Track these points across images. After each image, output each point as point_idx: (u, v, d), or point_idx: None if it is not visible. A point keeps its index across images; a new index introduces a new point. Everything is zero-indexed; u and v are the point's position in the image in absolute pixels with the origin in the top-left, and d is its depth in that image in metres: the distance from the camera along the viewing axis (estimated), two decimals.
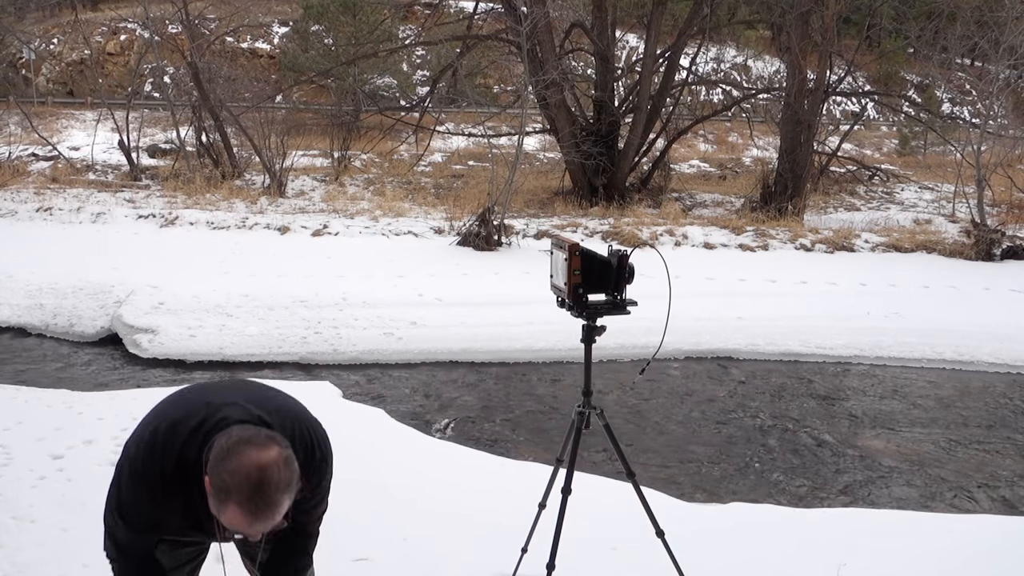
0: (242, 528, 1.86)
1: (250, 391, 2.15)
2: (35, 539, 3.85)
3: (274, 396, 2.17)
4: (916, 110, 23.22)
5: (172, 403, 2.10)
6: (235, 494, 1.81)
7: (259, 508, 1.82)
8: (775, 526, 4.33)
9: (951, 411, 6.83)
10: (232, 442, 1.86)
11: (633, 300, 3.03)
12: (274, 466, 1.84)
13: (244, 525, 1.85)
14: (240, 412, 1.97)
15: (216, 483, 1.84)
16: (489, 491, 4.62)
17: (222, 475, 1.83)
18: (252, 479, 1.81)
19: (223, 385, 2.22)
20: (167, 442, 1.97)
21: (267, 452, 1.85)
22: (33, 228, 13.36)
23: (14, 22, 24.50)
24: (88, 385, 6.88)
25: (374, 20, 23.65)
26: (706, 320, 8.68)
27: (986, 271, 11.75)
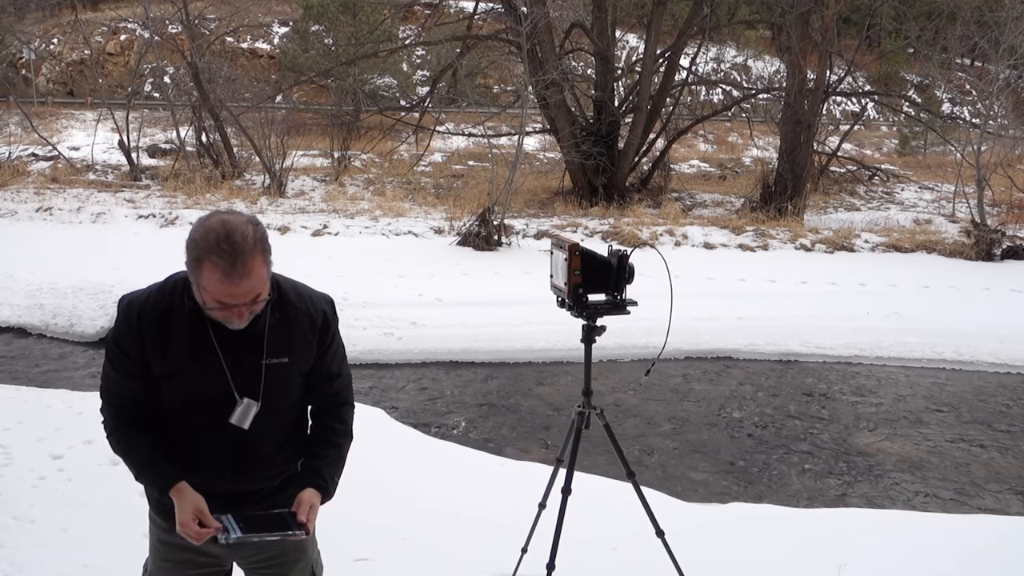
0: (223, 290, 1.88)
1: None
2: (35, 539, 3.85)
3: None
4: (916, 110, 23.23)
5: None
6: (205, 251, 1.87)
7: (229, 255, 1.86)
8: (775, 526, 4.33)
9: (951, 411, 6.83)
10: (197, 223, 1.96)
11: (633, 300, 3.03)
12: (238, 222, 1.92)
13: (223, 284, 1.87)
14: None
15: (190, 256, 1.92)
16: (489, 491, 4.62)
17: (194, 240, 1.91)
18: (217, 230, 1.89)
19: None
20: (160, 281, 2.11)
21: (230, 216, 1.95)
22: (33, 228, 13.35)
23: (14, 22, 24.50)
24: (88, 385, 6.88)
25: (374, 20, 23.67)
26: (706, 320, 8.68)
27: (986, 271, 11.74)
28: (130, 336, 2.02)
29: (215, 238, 1.88)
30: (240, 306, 1.94)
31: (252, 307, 1.97)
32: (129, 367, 2.04)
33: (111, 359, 2.07)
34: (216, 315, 1.98)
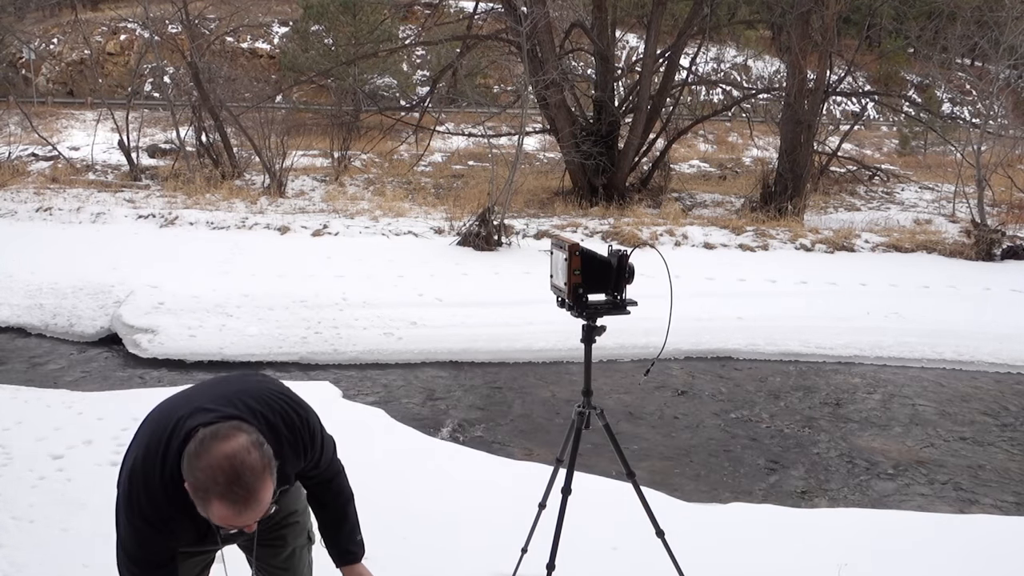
0: (232, 521, 1.86)
1: (217, 389, 2.13)
2: (35, 539, 3.85)
3: (241, 384, 2.16)
4: (916, 110, 23.24)
5: (149, 423, 2.10)
6: (213, 489, 1.82)
7: (240, 497, 1.83)
8: (775, 526, 4.33)
9: (951, 411, 6.83)
10: (198, 443, 1.87)
11: (633, 300, 3.03)
12: (243, 452, 1.84)
13: (232, 518, 1.85)
14: (204, 416, 1.97)
15: (194, 486, 1.85)
16: (489, 491, 4.62)
17: (197, 475, 1.84)
18: (225, 470, 1.81)
19: (197, 389, 2.19)
20: (148, 473, 1.98)
21: (234, 441, 1.85)
22: (33, 228, 13.35)
23: (14, 22, 24.49)
24: (88, 385, 6.88)
25: (374, 20, 23.67)
26: (706, 320, 8.68)
27: (986, 271, 11.74)
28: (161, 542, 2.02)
29: (224, 479, 1.83)
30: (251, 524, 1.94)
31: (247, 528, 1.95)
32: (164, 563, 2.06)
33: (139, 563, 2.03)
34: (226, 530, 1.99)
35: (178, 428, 1.98)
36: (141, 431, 2.09)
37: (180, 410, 2.03)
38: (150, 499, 1.96)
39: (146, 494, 1.97)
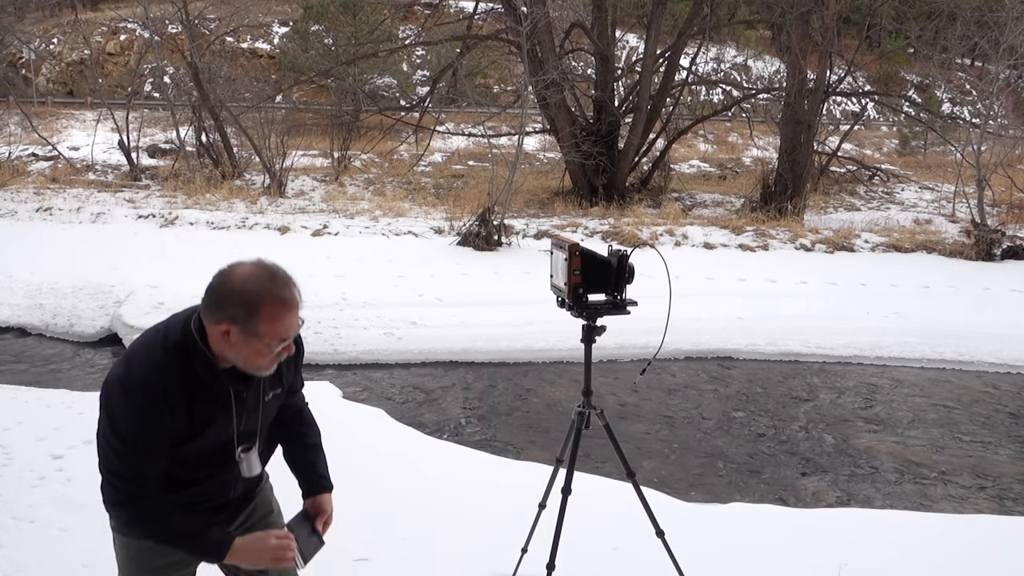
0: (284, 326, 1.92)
1: None
2: (35, 539, 3.85)
3: None
4: (916, 110, 23.24)
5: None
6: (260, 297, 1.89)
7: (285, 291, 1.92)
8: (775, 526, 4.33)
9: (951, 411, 6.83)
10: (219, 275, 1.93)
11: (633, 300, 3.03)
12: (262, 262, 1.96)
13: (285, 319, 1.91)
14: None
15: (239, 311, 1.88)
16: (489, 491, 4.62)
17: (236, 297, 1.89)
18: (263, 275, 1.92)
19: None
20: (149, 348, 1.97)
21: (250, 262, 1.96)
22: (33, 228, 13.35)
23: (14, 22, 24.50)
24: (88, 385, 6.88)
25: (374, 20, 23.68)
26: (706, 320, 8.68)
27: (986, 271, 11.74)
28: (155, 417, 1.92)
29: (268, 279, 1.92)
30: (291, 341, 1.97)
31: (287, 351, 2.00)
32: (155, 448, 1.96)
33: (131, 445, 1.93)
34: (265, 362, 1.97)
35: (172, 319, 2.04)
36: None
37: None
38: (155, 368, 1.93)
39: (150, 364, 1.93)
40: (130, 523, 2.01)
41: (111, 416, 1.93)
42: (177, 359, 1.94)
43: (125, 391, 1.92)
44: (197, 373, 1.96)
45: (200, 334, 1.96)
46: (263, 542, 2.07)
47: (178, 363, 1.94)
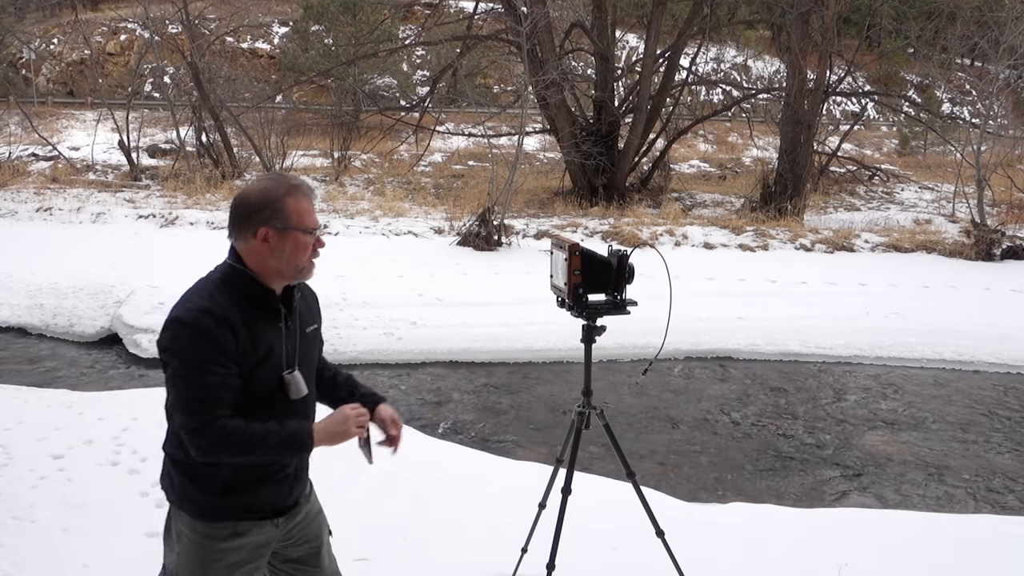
0: (309, 211, 2.15)
1: None
2: (35, 539, 3.85)
3: None
4: (916, 110, 23.24)
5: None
6: (281, 191, 2.10)
7: (295, 181, 2.16)
8: (775, 526, 4.33)
9: (951, 411, 6.83)
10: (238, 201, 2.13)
11: (633, 300, 3.03)
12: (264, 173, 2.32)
13: (308, 204, 2.15)
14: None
15: (269, 208, 2.08)
16: (489, 491, 4.62)
17: (265, 192, 2.10)
18: (275, 177, 2.18)
19: None
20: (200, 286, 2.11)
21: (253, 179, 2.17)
22: (33, 228, 13.36)
23: (14, 22, 24.51)
24: (88, 385, 6.88)
25: (374, 20, 23.67)
26: (706, 320, 8.68)
27: (986, 271, 11.74)
28: (219, 337, 2.01)
29: (278, 179, 2.16)
30: (319, 236, 2.18)
31: (320, 244, 2.19)
32: (225, 368, 2.02)
33: (202, 369, 2.00)
34: (305, 259, 2.15)
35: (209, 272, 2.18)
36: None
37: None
38: (209, 298, 2.05)
39: (204, 298, 2.05)
40: (216, 446, 2.02)
41: (177, 351, 2.02)
42: (226, 287, 2.09)
43: (187, 324, 2.02)
44: (246, 295, 2.09)
45: (238, 263, 2.12)
46: (340, 415, 2.15)
47: (227, 291, 2.08)
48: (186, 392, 2.01)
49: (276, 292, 2.15)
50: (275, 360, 2.12)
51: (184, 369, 2.01)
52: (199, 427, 2.00)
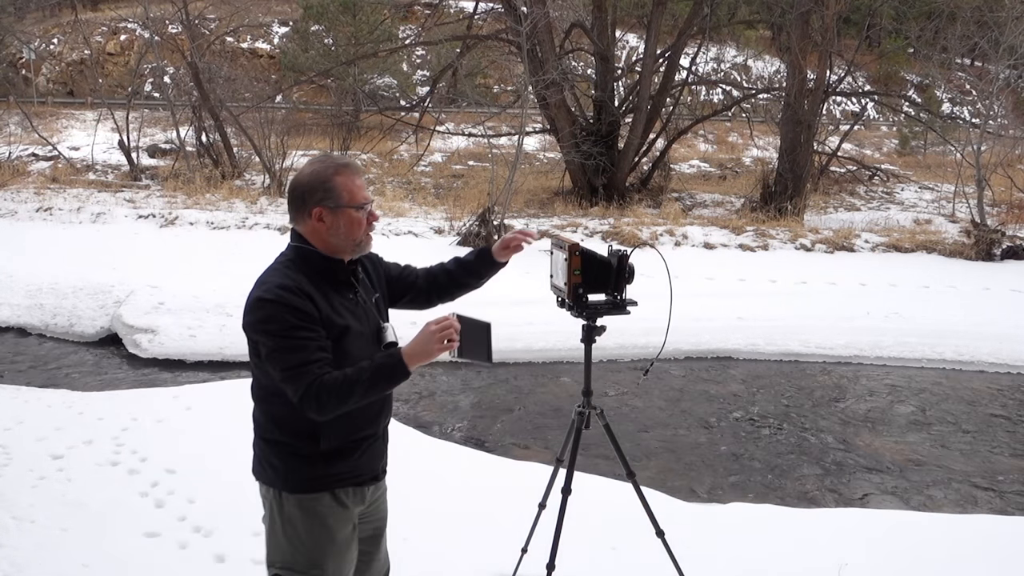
0: (359, 186, 2.24)
1: None
2: (35, 539, 3.85)
3: None
4: (916, 110, 23.23)
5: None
6: (330, 170, 2.21)
7: (342, 160, 2.27)
8: (775, 526, 4.33)
9: (951, 411, 6.83)
10: (291, 186, 2.25)
11: (633, 300, 3.02)
12: (314, 156, 2.33)
13: (358, 180, 2.25)
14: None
15: (321, 188, 2.19)
16: (489, 491, 4.62)
17: (316, 174, 2.20)
18: (323, 158, 2.27)
19: None
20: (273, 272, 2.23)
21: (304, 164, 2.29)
22: (33, 228, 13.36)
23: (14, 22, 24.51)
24: (88, 385, 6.89)
25: (374, 20, 23.67)
26: (706, 320, 8.67)
27: (986, 271, 11.74)
28: (300, 306, 2.12)
29: (327, 160, 2.25)
30: (372, 210, 2.28)
31: (373, 218, 2.29)
32: (314, 332, 2.13)
33: (294, 336, 2.10)
34: (362, 232, 2.25)
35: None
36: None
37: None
38: (285, 276, 2.18)
39: (281, 276, 2.18)
40: (329, 400, 2.10)
41: (266, 329, 2.11)
42: (295, 266, 2.21)
43: (270, 300, 2.12)
44: (318, 270, 2.21)
45: (303, 243, 2.24)
46: (425, 333, 2.26)
47: (299, 268, 2.20)
48: (286, 362, 2.10)
49: (344, 263, 2.27)
50: (358, 326, 2.25)
51: (277, 341, 2.10)
52: (308, 388, 2.08)
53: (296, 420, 2.18)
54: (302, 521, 2.24)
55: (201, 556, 3.74)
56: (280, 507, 2.25)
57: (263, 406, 2.25)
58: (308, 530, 2.24)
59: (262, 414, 2.26)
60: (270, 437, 2.24)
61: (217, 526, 3.99)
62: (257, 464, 2.30)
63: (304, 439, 2.20)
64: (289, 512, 2.24)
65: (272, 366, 2.12)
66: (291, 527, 2.24)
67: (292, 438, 2.21)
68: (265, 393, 2.24)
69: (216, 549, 3.79)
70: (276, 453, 2.24)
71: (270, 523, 2.28)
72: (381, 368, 2.17)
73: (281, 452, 2.23)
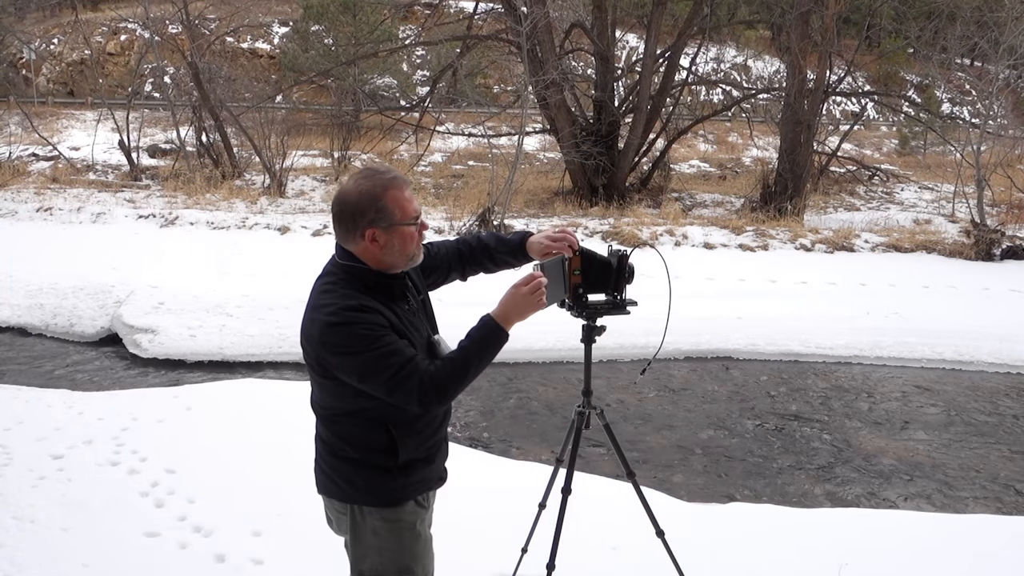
0: (408, 201, 2.17)
1: None
2: (35, 539, 3.85)
3: None
4: (916, 110, 23.24)
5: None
6: (382, 187, 2.14)
7: (390, 174, 2.18)
8: (775, 526, 4.33)
9: (951, 411, 6.83)
10: (339, 205, 2.17)
11: (633, 300, 3.02)
12: (356, 171, 2.31)
13: (406, 193, 2.17)
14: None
15: (370, 213, 2.12)
16: (489, 491, 4.62)
17: (361, 205, 2.12)
18: (371, 172, 2.18)
19: None
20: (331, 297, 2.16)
21: (348, 179, 2.22)
22: (33, 228, 13.36)
23: (14, 22, 24.51)
24: (88, 385, 6.89)
25: (374, 20, 23.66)
26: (706, 320, 8.67)
27: (986, 271, 11.75)
28: (375, 316, 2.10)
29: (373, 177, 2.16)
30: (423, 220, 2.23)
31: (424, 228, 2.25)
32: (399, 340, 2.12)
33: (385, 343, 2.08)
34: (415, 246, 2.20)
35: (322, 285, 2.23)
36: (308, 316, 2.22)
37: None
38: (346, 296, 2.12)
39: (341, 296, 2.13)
40: (445, 386, 2.12)
41: (349, 348, 2.07)
42: (352, 286, 2.15)
43: (343, 324, 2.07)
44: (374, 288, 2.16)
45: (356, 261, 2.17)
46: (517, 295, 2.24)
47: (356, 287, 2.15)
48: (387, 370, 2.06)
49: (399, 277, 2.23)
50: (418, 335, 2.23)
51: (368, 356, 2.06)
52: (422, 384, 2.08)
53: (372, 437, 2.18)
54: (388, 531, 2.26)
55: (201, 556, 3.74)
56: (363, 520, 2.25)
57: (334, 427, 2.23)
58: (395, 538, 2.27)
59: (333, 435, 2.24)
60: (346, 456, 2.22)
61: (217, 526, 3.99)
62: (329, 482, 2.27)
63: (382, 454, 2.20)
64: (373, 524, 2.25)
65: (374, 383, 2.08)
66: (376, 537, 2.25)
67: (370, 455, 2.20)
68: (333, 414, 2.22)
69: (216, 549, 3.79)
70: (355, 471, 2.22)
71: (353, 535, 2.28)
72: (485, 339, 2.19)
73: (360, 469, 2.22)
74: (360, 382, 2.10)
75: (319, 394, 2.23)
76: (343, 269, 2.19)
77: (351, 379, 2.11)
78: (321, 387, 2.20)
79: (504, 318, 2.21)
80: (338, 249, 2.23)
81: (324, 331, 2.10)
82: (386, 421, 2.19)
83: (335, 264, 2.23)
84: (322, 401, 2.23)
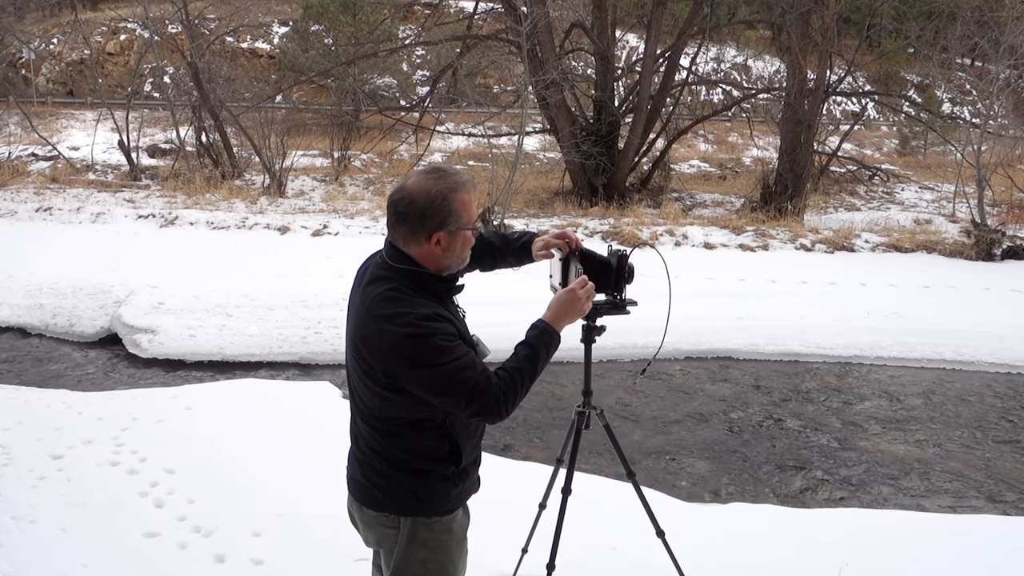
0: (472, 203, 2.14)
1: None
2: (35, 539, 3.85)
3: None
4: (916, 110, 23.24)
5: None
6: (451, 187, 2.09)
7: (456, 176, 2.13)
8: (775, 526, 4.33)
9: (951, 411, 6.83)
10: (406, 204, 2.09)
11: (633, 300, 3.02)
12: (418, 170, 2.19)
13: (470, 196, 2.14)
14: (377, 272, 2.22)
15: (439, 216, 2.07)
16: (489, 491, 4.60)
17: (431, 207, 2.06)
18: (430, 175, 2.11)
19: None
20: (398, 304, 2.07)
21: (409, 177, 2.17)
22: (33, 228, 13.36)
23: (14, 22, 24.50)
24: (88, 385, 6.89)
25: (374, 20, 23.67)
26: (706, 320, 8.67)
27: (986, 271, 11.74)
28: (445, 330, 2.06)
29: (441, 178, 2.10)
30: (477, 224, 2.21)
31: (476, 232, 2.23)
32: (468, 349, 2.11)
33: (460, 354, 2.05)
34: (469, 248, 2.20)
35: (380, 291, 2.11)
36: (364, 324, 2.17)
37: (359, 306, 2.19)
38: (412, 305, 2.06)
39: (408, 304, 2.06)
40: (513, 395, 2.11)
41: (431, 360, 2.01)
42: (416, 292, 2.09)
43: (423, 336, 2.01)
44: (436, 291, 2.14)
45: (408, 263, 2.11)
46: (570, 299, 2.33)
47: (420, 293, 2.10)
48: (465, 382, 2.03)
49: (455, 279, 2.22)
50: (467, 334, 2.22)
51: (447, 369, 2.02)
52: (495, 396, 2.06)
53: (437, 446, 2.16)
54: (441, 541, 2.23)
55: (201, 556, 3.74)
56: (415, 532, 2.20)
57: (395, 439, 2.15)
58: (445, 548, 2.25)
59: (395, 446, 2.16)
60: (409, 467, 2.17)
61: (217, 526, 3.99)
62: (383, 495, 2.20)
63: (445, 463, 2.18)
64: (424, 536, 2.21)
65: (453, 396, 2.04)
66: (425, 549, 2.22)
67: (434, 464, 2.17)
68: (395, 426, 2.14)
69: (216, 549, 3.79)
70: (417, 482, 2.17)
71: (402, 548, 2.22)
72: (547, 346, 2.23)
73: (423, 480, 2.17)
74: (437, 395, 2.05)
75: (379, 406, 2.13)
76: (403, 274, 2.10)
77: (425, 392, 2.05)
78: (383, 400, 2.10)
79: (558, 321, 2.27)
80: (390, 250, 2.14)
81: (400, 343, 2.01)
82: (447, 429, 2.16)
83: (389, 268, 2.12)
84: (382, 413, 2.14)
